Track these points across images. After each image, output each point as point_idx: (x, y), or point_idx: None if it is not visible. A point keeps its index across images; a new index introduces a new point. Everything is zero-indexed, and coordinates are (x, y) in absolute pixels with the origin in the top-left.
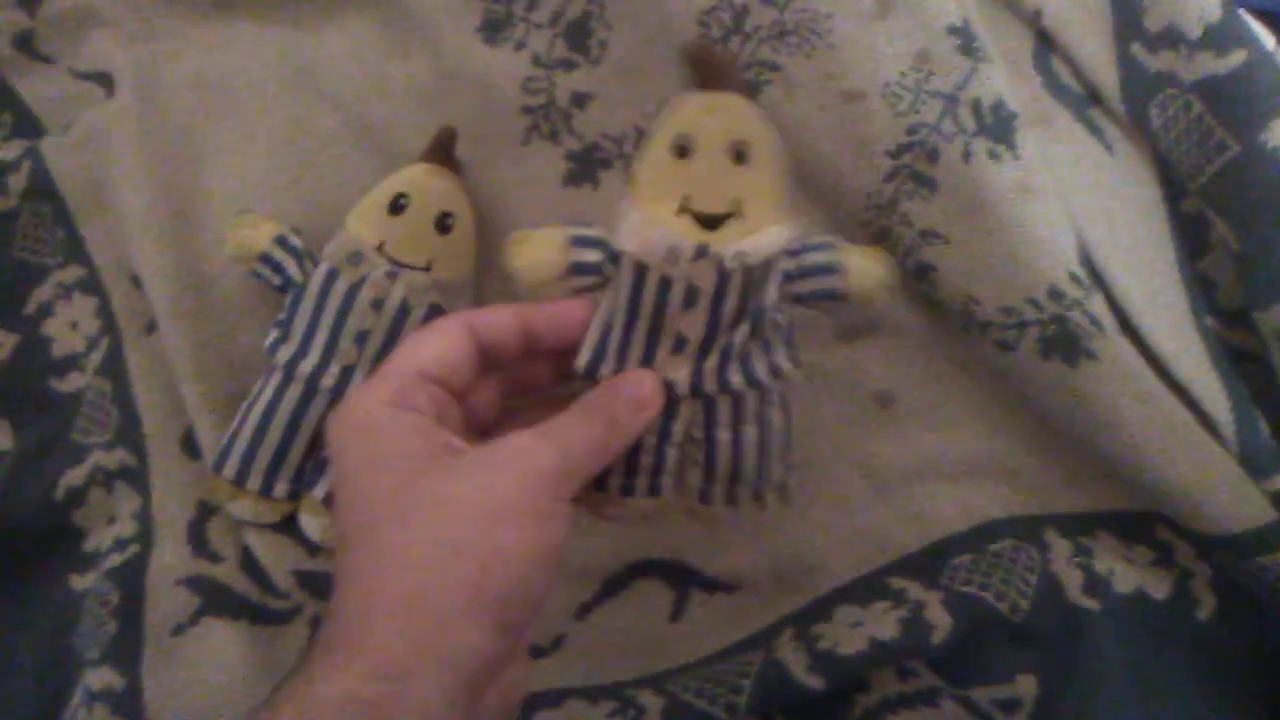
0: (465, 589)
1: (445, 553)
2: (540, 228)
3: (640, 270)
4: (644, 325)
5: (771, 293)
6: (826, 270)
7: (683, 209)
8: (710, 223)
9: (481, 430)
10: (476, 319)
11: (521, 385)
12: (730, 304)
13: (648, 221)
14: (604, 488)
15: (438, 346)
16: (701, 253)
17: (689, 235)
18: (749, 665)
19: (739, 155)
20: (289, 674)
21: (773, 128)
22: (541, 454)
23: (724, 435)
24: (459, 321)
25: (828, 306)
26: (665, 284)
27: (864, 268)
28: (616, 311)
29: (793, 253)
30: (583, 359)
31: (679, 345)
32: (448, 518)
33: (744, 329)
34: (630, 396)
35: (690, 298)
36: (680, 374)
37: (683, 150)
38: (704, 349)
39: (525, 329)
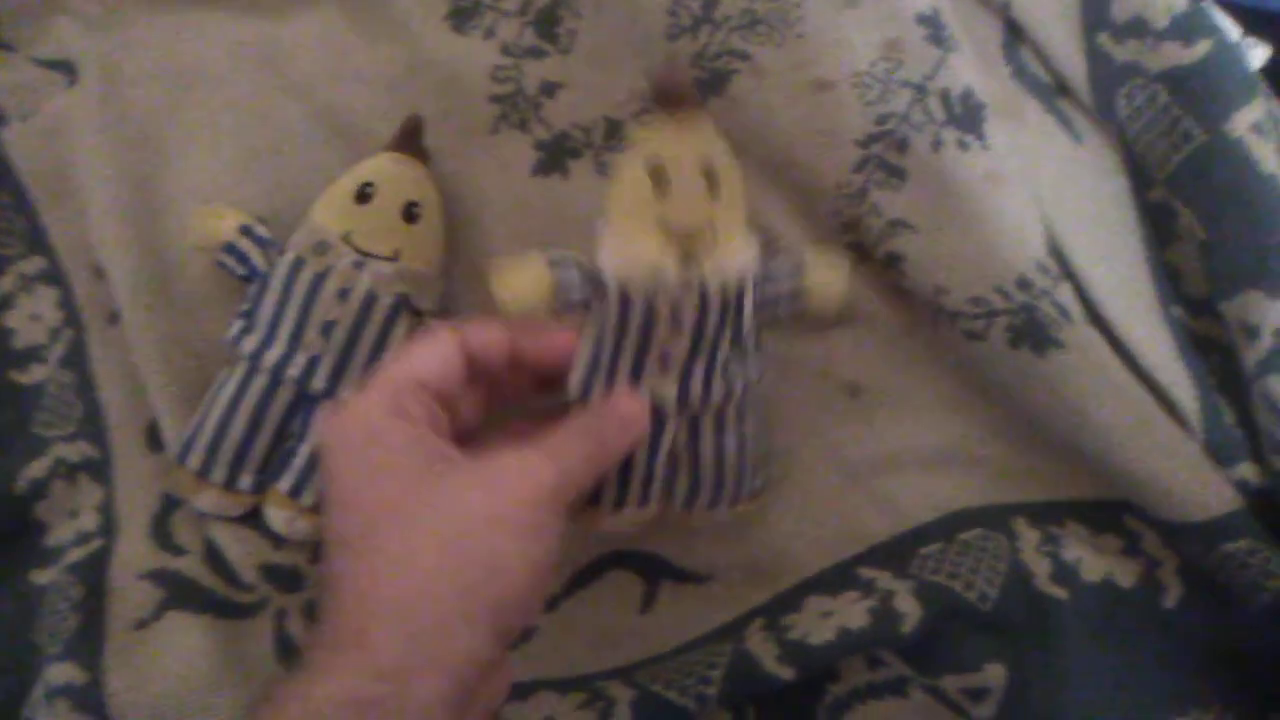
0: (465, 595)
1: (447, 559)
2: (520, 256)
3: (626, 295)
4: (631, 346)
5: (748, 308)
6: (792, 296)
7: (661, 227)
8: (687, 242)
9: (465, 439)
10: (469, 335)
11: (503, 397)
12: (712, 323)
13: (629, 245)
14: (597, 501)
15: (432, 357)
16: (685, 276)
17: (669, 257)
18: (719, 656)
19: (709, 176)
20: (290, 672)
21: (728, 148)
22: (543, 470)
23: (708, 446)
24: (452, 335)
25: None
26: (651, 308)
27: (825, 287)
28: (605, 335)
29: (762, 274)
30: (575, 381)
31: (665, 363)
32: (450, 525)
33: (725, 345)
34: (621, 417)
35: (676, 319)
36: (668, 391)
37: (657, 175)
38: (688, 365)
39: (513, 350)
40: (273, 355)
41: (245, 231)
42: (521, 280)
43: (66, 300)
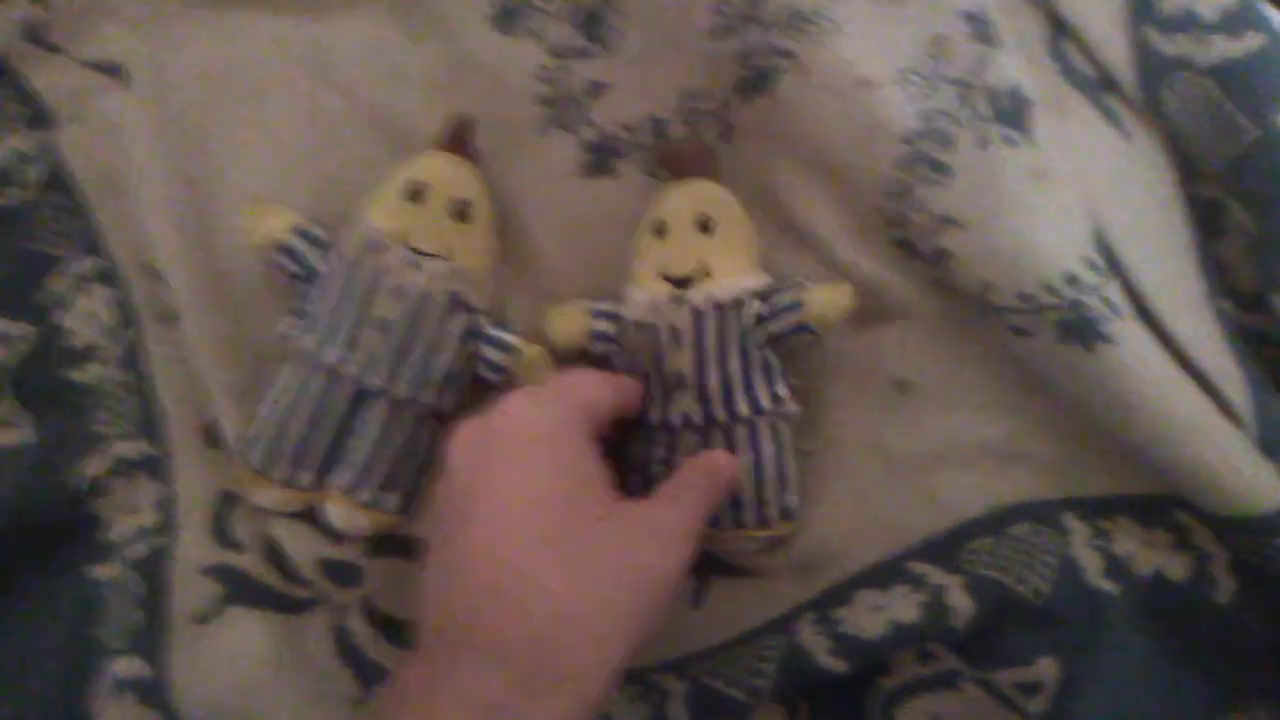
0: (600, 642)
1: (605, 599)
2: (568, 304)
3: (637, 326)
4: (650, 369)
5: (748, 327)
6: (792, 307)
7: (660, 276)
8: (681, 283)
9: None
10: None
11: None
12: (710, 339)
13: (637, 289)
14: None
15: (615, 394)
16: (676, 300)
17: (665, 291)
18: (771, 649)
19: (704, 226)
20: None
21: (736, 202)
22: (690, 535)
23: None
24: (630, 381)
25: (802, 340)
26: (654, 331)
27: (825, 300)
28: (627, 363)
29: (764, 297)
30: None
31: (679, 381)
32: (613, 567)
33: (735, 361)
34: (717, 469)
35: (675, 338)
36: (691, 406)
37: (660, 230)
38: (700, 382)
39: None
40: (331, 353)
41: (299, 231)
42: (565, 323)
43: (123, 300)
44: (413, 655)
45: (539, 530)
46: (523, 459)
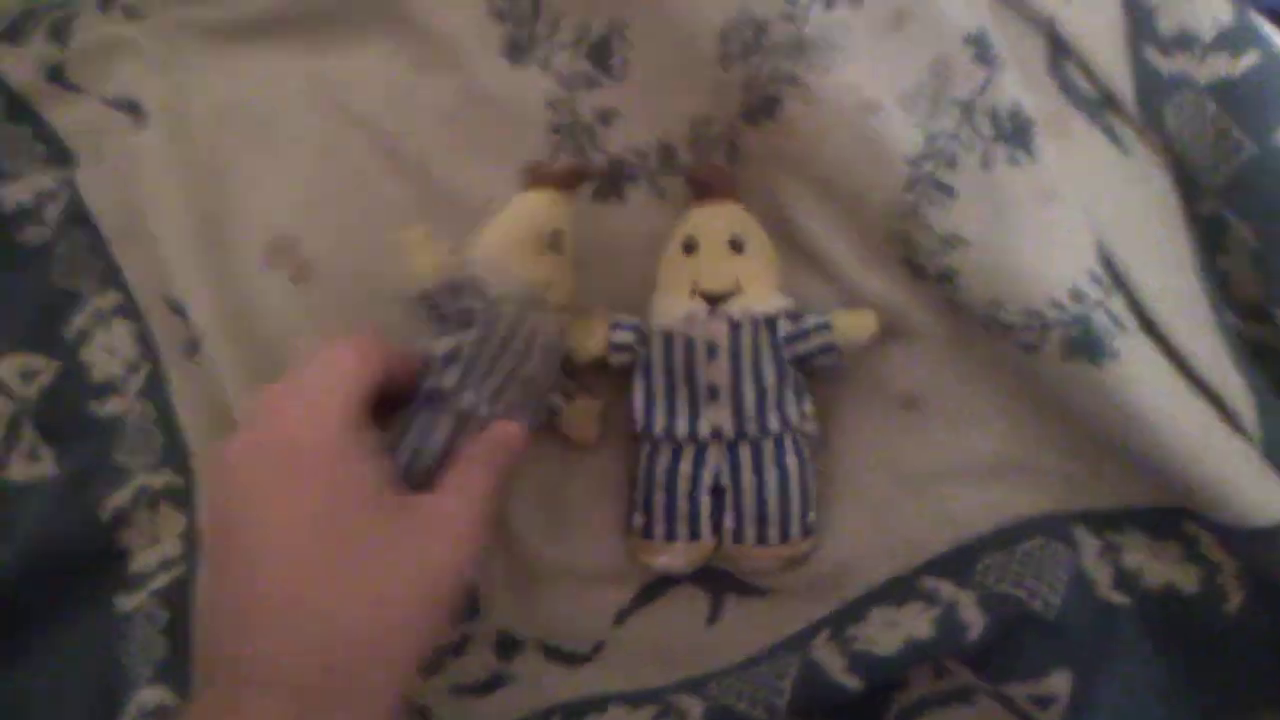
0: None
1: (411, 606)
2: (588, 315)
3: (668, 337)
4: (680, 381)
5: (780, 344)
6: (821, 328)
7: (694, 291)
8: (715, 299)
9: None
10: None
11: None
12: (747, 352)
13: (668, 302)
14: (651, 535)
15: (377, 367)
16: (714, 313)
17: (700, 306)
18: (787, 666)
19: (736, 246)
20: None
21: (761, 226)
22: (476, 521)
23: (748, 479)
24: (379, 344)
25: (826, 362)
26: (689, 343)
27: (852, 323)
28: (654, 375)
29: (792, 317)
30: (638, 419)
31: (713, 394)
32: (408, 576)
33: (770, 376)
34: (502, 442)
35: (712, 351)
36: (724, 419)
37: (690, 247)
38: (737, 395)
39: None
40: (466, 399)
41: (451, 273)
42: (583, 335)
43: (142, 334)
44: (194, 697)
45: (307, 552)
46: (284, 480)
